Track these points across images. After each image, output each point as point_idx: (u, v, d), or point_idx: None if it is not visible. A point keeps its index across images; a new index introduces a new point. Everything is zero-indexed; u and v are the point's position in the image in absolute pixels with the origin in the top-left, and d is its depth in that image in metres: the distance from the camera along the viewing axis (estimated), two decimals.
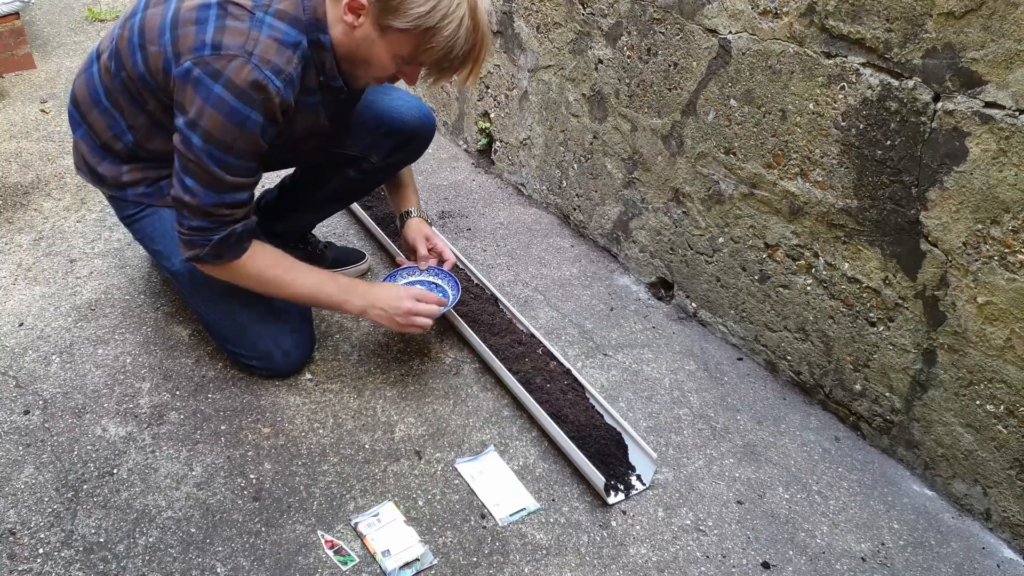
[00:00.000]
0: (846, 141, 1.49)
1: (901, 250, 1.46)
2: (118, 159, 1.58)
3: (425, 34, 1.34)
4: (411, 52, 1.38)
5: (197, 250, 1.45)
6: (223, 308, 1.62)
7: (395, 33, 1.35)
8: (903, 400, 1.54)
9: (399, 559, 1.32)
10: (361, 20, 1.36)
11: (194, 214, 1.41)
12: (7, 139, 2.64)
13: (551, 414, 1.56)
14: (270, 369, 1.66)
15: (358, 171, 1.81)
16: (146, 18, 1.41)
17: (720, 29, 1.67)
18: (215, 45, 1.31)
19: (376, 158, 1.79)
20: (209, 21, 1.33)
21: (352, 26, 1.37)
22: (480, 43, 1.39)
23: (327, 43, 1.40)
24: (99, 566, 1.29)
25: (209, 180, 1.37)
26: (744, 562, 1.37)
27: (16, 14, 3.08)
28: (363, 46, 1.39)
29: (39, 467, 1.46)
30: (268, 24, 1.34)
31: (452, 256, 1.82)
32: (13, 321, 1.82)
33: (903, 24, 1.34)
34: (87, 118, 1.57)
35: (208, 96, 1.31)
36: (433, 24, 1.32)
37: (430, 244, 1.82)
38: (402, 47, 1.37)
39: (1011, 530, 1.43)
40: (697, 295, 1.96)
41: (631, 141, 2.02)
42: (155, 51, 1.38)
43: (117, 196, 1.62)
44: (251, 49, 1.31)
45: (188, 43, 1.33)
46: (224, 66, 1.30)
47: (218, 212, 1.41)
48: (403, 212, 1.88)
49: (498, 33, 2.42)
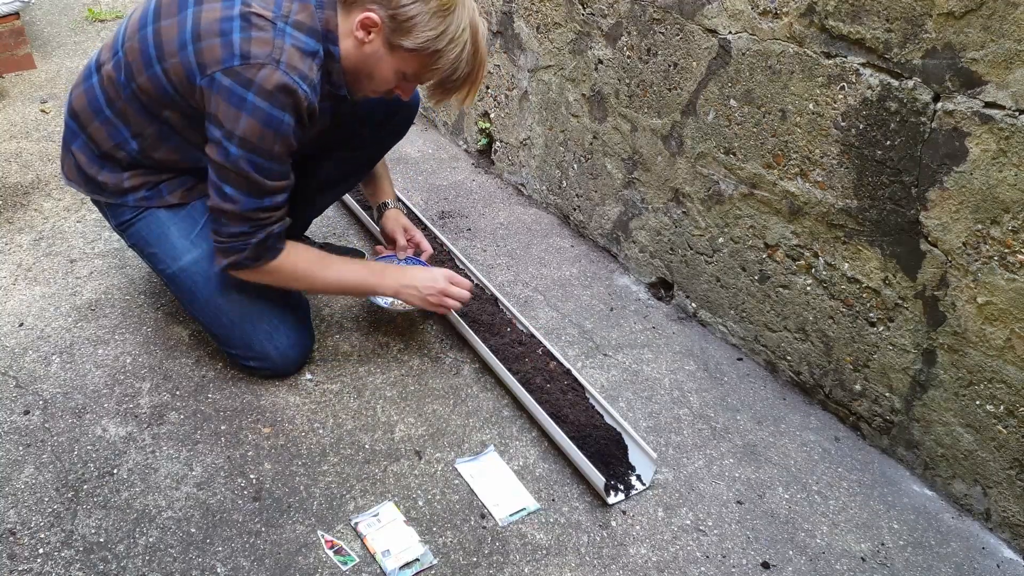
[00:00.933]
0: (846, 141, 1.49)
1: (901, 250, 1.46)
2: (118, 167, 1.58)
3: (432, 56, 1.41)
4: (415, 71, 1.45)
5: (236, 256, 1.48)
6: (218, 311, 1.62)
7: (403, 52, 1.41)
8: (903, 400, 1.55)
9: (399, 559, 1.32)
10: (372, 37, 1.41)
11: (233, 220, 1.44)
12: (7, 139, 2.64)
13: (551, 414, 1.56)
14: (269, 369, 1.66)
15: (348, 150, 1.83)
16: (161, 30, 1.42)
17: (720, 29, 1.67)
18: (243, 55, 1.34)
19: (367, 131, 1.82)
20: (233, 32, 1.35)
21: (362, 42, 1.42)
22: (479, 67, 1.48)
23: (336, 54, 1.45)
24: (99, 566, 1.29)
25: (248, 186, 1.41)
26: (744, 562, 1.37)
27: (16, 14, 3.08)
28: (370, 61, 1.45)
29: (39, 467, 1.46)
30: (290, 34, 1.37)
31: (429, 247, 1.88)
32: (13, 321, 1.82)
33: (903, 24, 1.34)
34: (87, 129, 1.56)
35: (242, 105, 1.34)
36: (441, 47, 1.40)
37: (408, 235, 1.89)
38: (408, 66, 1.44)
39: (1011, 530, 1.43)
40: (697, 295, 1.96)
41: (631, 141, 2.02)
42: (176, 63, 1.39)
43: (115, 203, 1.62)
44: (278, 57, 1.35)
45: (215, 55, 1.35)
46: (254, 74, 1.33)
47: (257, 216, 1.45)
48: (380, 203, 1.94)
49: (498, 33, 2.42)
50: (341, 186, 1.97)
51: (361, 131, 1.81)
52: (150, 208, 1.61)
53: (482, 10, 2.44)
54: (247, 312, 1.62)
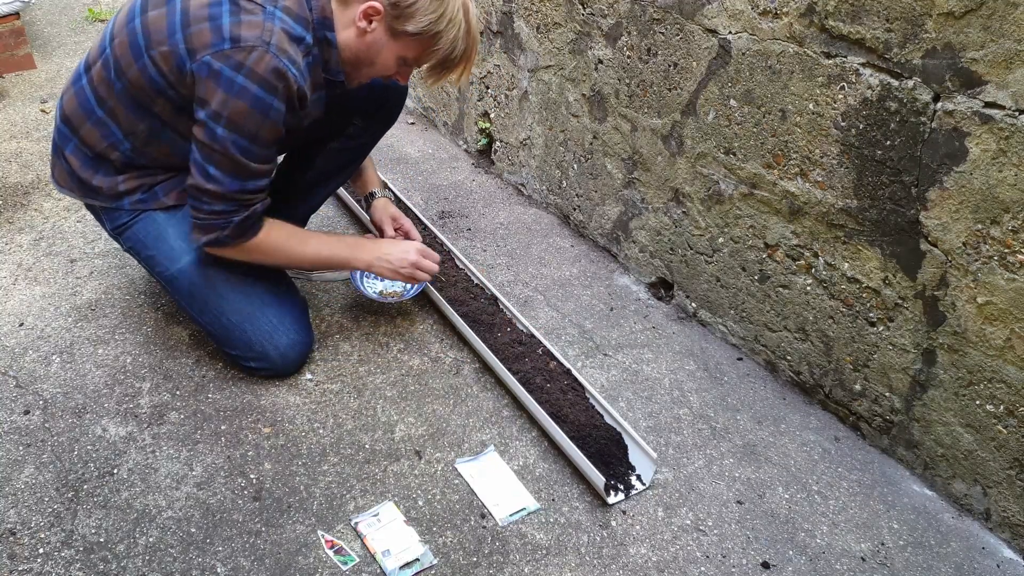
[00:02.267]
0: (846, 141, 1.49)
1: (901, 250, 1.46)
2: (112, 170, 1.58)
3: (433, 38, 1.45)
4: (417, 55, 1.48)
5: (216, 233, 1.48)
6: (218, 312, 1.62)
7: (406, 37, 1.45)
8: (903, 400, 1.55)
9: (399, 559, 1.32)
10: (374, 26, 1.44)
11: (215, 200, 1.44)
12: (7, 139, 2.64)
13: (551, 414, 1.56)
14: (269, 369, 1.66)
15: (340, 141, 1.84)
16: (149, 21, 1.42)
17: (720, 29, 1.67)
18: (234, 38, 1.34)
19: (359, 121, 1.83)
20: (223, 16, 1.36)
21: (364, 31, 1.44)
22: (472, 44, 1.51)
23: (333, 40, 1.46)
24: (99, 566, 1.29)
25: (232, 168, 1.42)
26: (744, 562, 1.37)
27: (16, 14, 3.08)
28: (373, 49, 1.47)
29: (39, 467, 1.46)
30: (279, 17, 1.39)
31: (418, 235, 1.89)
32: (13, 321, 1.82)
33: (903, 24, 1.34)
34: (79, 132, 1.56)
35: (231, 87, 1.35)
36: (441, 29, 1.44)
37: (397, 224, 1.90)
38: (409, 50, 1.47)
39: (1011, 530, 1.43)
40: (697, 295, 1.96)
41: (631, 141, 2.02)
42: (166, 51, 1.39)
43: (111, 207, 1.61)
44: (268, 39, 1.35)
45: (204, 39, 1.35)
46: (245, 57, 1.34)
47: (240, 198, 1.45)
48: (368, 193, 1.96)
49: (498, 33, 2.42)
50: (336, 178, 1.97)
51: (352, 122, 1.83)
52: (146, 211, 1.61)
53: (482, 10, 2.45)
54: (247, 313, 1.62)
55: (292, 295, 1.74)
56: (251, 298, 1.63)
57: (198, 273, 1.60)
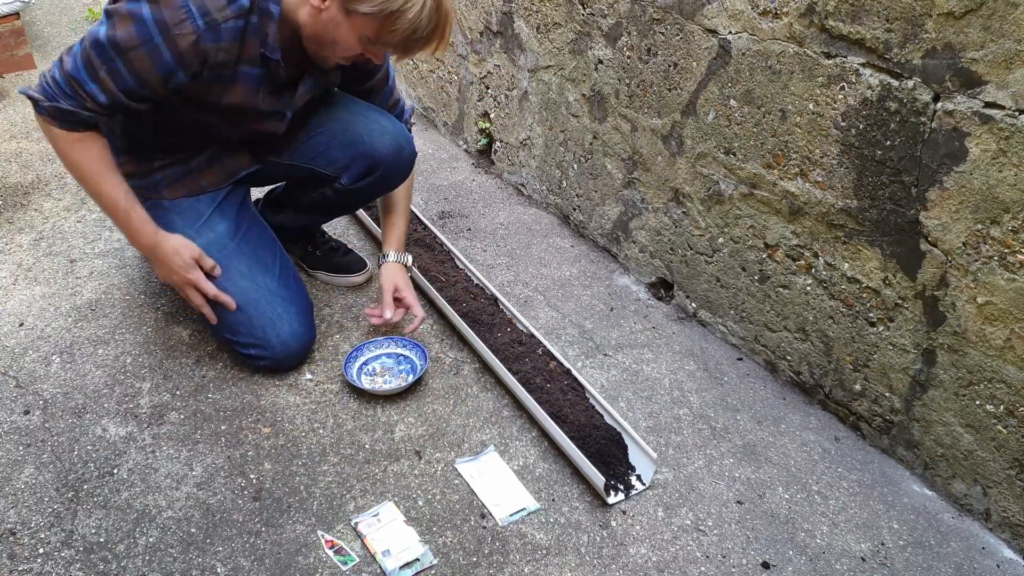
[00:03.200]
0: (846, 141, 1.49)
1: (901, 250, 1.46)
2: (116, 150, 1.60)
3: (389, 17, 1.38)
4: (376, 33, 1.42)
5: (42, 98, 1.45)
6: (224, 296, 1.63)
7: (360, 16, 1.39)
8: (903, 400, 1.55)
9: (399, 559, 1.32)
10: (327, 4, 1.40)
11: (59, 72, 1.43)
12: (7, 139, 2.64)
13: (551, 414, 1.56)
14: (269, 358, 1.66)
15: (332, 191, 1.81)
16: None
17: (720, 29, 1.67)
18: None
19: (346, 180, 1.77)
20: None
21: (319, 9, 1.41)
22: (444, 21, 1.44)
23: (275, 13, 1.44)
24: (99, 566, 1.29)
25: (87, 62, 1.40)
26: (744, 562, 1.37)
27: (16, 14, 3.08)
28: (329, 28, 1.43)
29: (39, 467, 1.46)
30: None
31: (421, 312, 1.76)
32: (13, 321, 1.82)
33: (903, 24, 1.34)
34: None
35: (132, 9, 1.36)
36: (397, 8, 1.37)
37: (398, 295, 1.77)
38: (367, 29, 1.41)
39: (1011, 530, 1.43)
40: (697, 295, 1.96)
41: (631, 141, 2.02)
42: None
43: None
44: None
45: None
46: None
47: (74, 88, 1.42)
48: (382, 254, 1.84)
49: (498, 33, 2.42)
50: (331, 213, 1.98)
51: (340, 179, 1.77)
52: (150, 199, 1.63)
53: (482, 10, 2.45)
54: (252, 298, 1.64)
55: (301, 292, 1.74)
56: (259, 287, 1.65)
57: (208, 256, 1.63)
